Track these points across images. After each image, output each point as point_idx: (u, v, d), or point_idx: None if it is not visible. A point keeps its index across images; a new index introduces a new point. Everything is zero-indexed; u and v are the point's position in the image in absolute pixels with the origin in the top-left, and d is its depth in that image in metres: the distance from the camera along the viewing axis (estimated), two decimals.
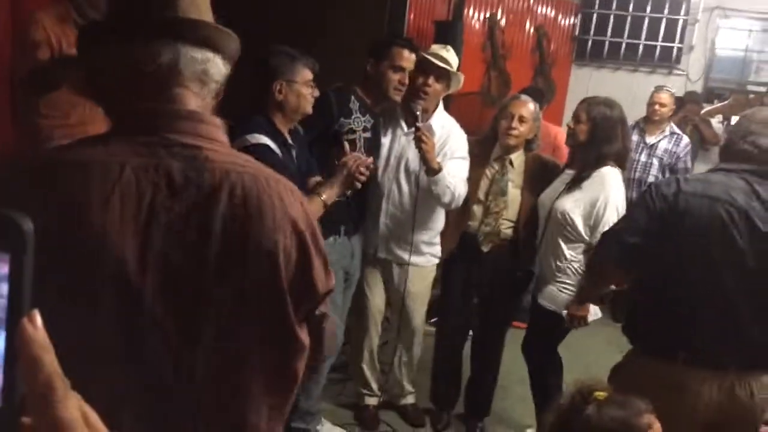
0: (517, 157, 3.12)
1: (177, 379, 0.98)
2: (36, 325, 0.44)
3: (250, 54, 2.40)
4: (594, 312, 2.86)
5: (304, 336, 1.10)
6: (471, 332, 3.40)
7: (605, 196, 2.78)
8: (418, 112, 2.82)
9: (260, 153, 2.28)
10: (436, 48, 3.05)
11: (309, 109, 2.48)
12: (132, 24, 1.02)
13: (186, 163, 0.98)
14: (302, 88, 2.42)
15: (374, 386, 3.32)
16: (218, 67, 1.06)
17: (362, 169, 2.44)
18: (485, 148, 3.14)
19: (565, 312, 2.88)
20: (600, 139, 2.84)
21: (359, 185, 2.51)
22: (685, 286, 1.99)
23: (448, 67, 2.95)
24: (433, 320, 3.65)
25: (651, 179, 4.80)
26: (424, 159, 2.78)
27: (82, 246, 0.93)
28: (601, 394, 1.43)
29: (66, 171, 0.96)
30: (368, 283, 3.17)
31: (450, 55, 2.99)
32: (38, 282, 0.46)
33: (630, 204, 2.78)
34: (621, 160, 2.89)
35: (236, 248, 0.99)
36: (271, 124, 2.41)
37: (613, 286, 2.42)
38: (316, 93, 2.49)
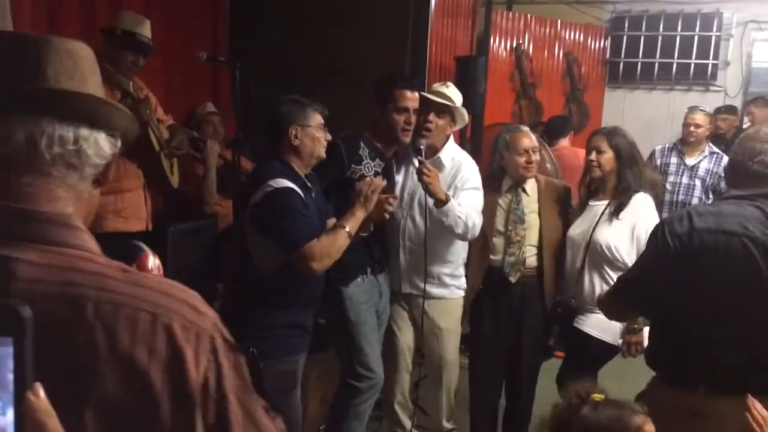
0: (529, 184, 3.15)
1: None
2: (39, 395, 0.51)
3: (269, 100, 2.53)
4: None
5: None
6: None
7: (644, 223, 2.81)
8: (421, 147, 2.87)
9: (285, 196, 2.37)
10: (436, 86, 3.11)
11: (323, 153, 2.55)
12: None
13: None
14: (316, 131, 2.51)
15: (407, 424, 3.30)
16: (98, 147, 0.88)
17: (390, 201, 2.58)
18: (495, 182, 3.16)
19: (620, 342, 2.88)
20: (626, 165, 2.92)
21: (387, 216, 2.60)
22: (703, 321, 1.95)
23: (446, 102, 2.99)
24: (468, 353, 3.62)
25: (695, 201, 4.73)
26: (428, 191, 2.82)
27: None
28: (598, 396, 1.51)
29: None
30: (395, 320, 3.17)
31: (450, 90, 3.04)
32: None
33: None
34: (656, 188, 3.00)
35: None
36: (290, 168, 2.48)
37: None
38: (329, 137, 2.57)
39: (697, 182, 4.80)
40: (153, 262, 2.18)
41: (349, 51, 4.17)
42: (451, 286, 3.15)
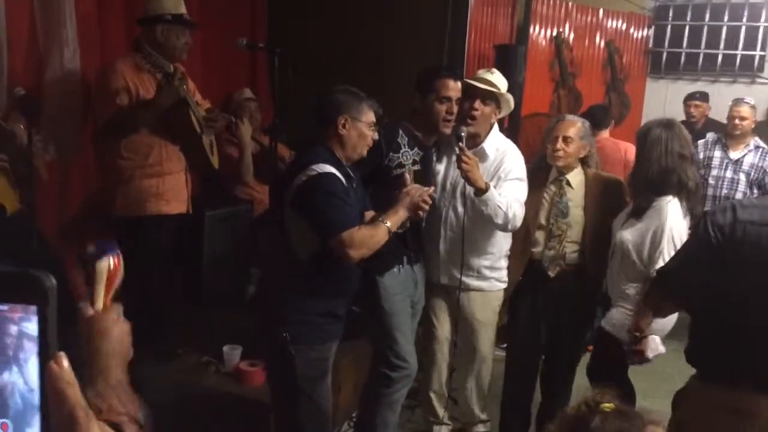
0: (575, 176, 3.04)
1: None
2: (62, 364, 0.51)
3: (312, 87, 2.53)
4: (655, 348, 2.74)
5: None
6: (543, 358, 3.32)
7: (660, 227, 2.72)
8: (462, 134, 2.81)
9: (328, 181, 2.36)
10: (481, 72, 3.04)
11: (365, 152, 2.52)
12: None
13: None
14: (365, 128, 2.48)
15: (441, 414, 3.30)
16: None
17: (426, 198, 2.50)
18: (541, 173, 3.09)
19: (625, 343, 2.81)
20: (641, 160, 2.79)
21: (422, 214, 2.56)
22: (746, 315, 1.90)
23: (491, 89, 2.92)
24: (503, 345, 3.60)
25: (739, 196, 4.58)
26: (467, 179, 2.76)
27: None
28: (607, 406, 1.43)
29: None
30: (434, 310, 3.16)
31: (495, 77, 2.97)
32: None
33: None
34: (685, 192, 2.75)
35: None
36: (334, 155, 2.47)
37: None
38: (376, 137, 2.53)
39: (742, 176, 4.66)
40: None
41: (388, 39, 4.15)
42: (490, 278, 3.10)
